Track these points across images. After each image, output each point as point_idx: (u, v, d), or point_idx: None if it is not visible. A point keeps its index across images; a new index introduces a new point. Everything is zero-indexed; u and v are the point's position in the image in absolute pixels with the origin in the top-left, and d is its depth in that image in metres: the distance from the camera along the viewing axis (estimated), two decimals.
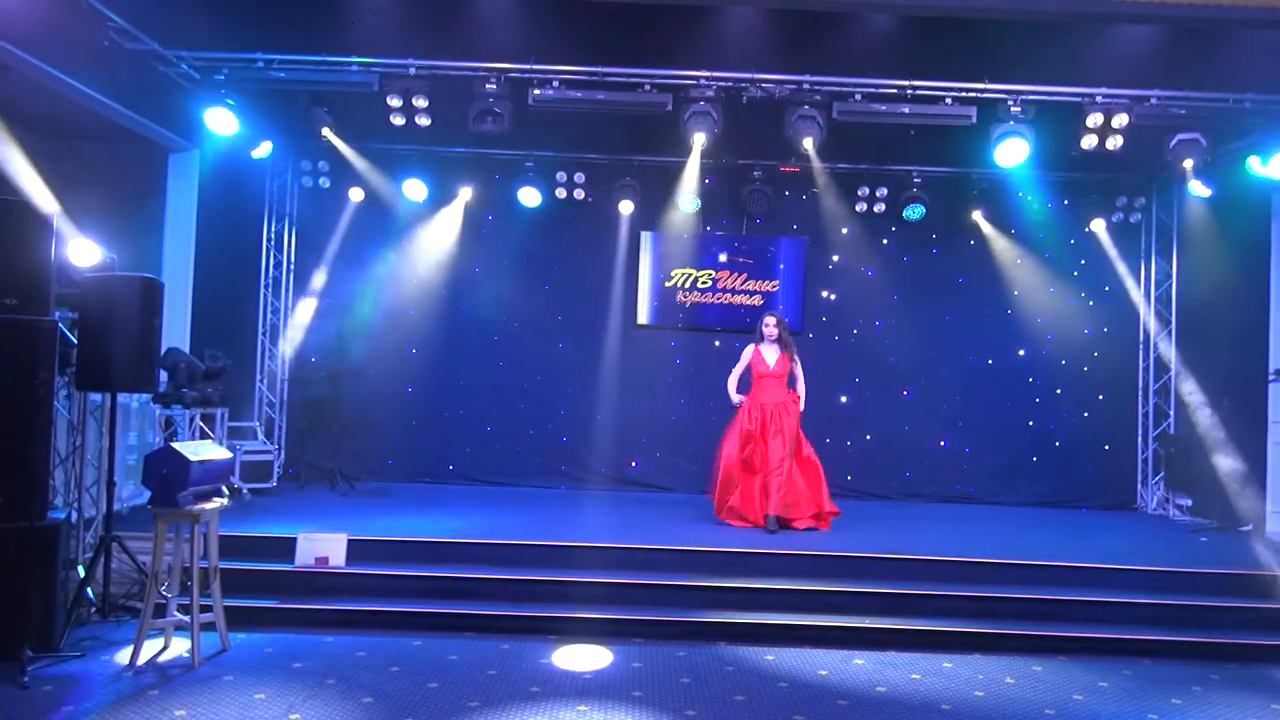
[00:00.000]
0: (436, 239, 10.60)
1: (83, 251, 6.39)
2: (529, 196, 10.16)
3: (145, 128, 8.53)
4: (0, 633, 5.32)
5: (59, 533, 5.81)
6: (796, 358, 8.42)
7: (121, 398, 7.18)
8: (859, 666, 5.88)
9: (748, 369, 8.46)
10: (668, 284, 10.70)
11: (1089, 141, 8.12)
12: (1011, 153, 8.19)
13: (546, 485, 10.46)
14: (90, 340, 6.08)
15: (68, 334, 6.19)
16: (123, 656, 5.53)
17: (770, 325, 8.38)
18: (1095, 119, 7.97)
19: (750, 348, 8.46)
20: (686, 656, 5.94)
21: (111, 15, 7.11)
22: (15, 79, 7.41)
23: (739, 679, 5.56)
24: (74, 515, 6.42)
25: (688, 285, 10.70)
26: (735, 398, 8.45)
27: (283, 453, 10.38)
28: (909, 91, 7.97)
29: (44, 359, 5.72)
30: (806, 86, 7.97)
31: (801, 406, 8.35)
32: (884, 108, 8.00)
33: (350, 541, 6.84)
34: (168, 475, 5.44)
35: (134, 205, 9.20)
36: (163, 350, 7.26)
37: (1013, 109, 8.02)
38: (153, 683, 5.20)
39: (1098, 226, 10.45)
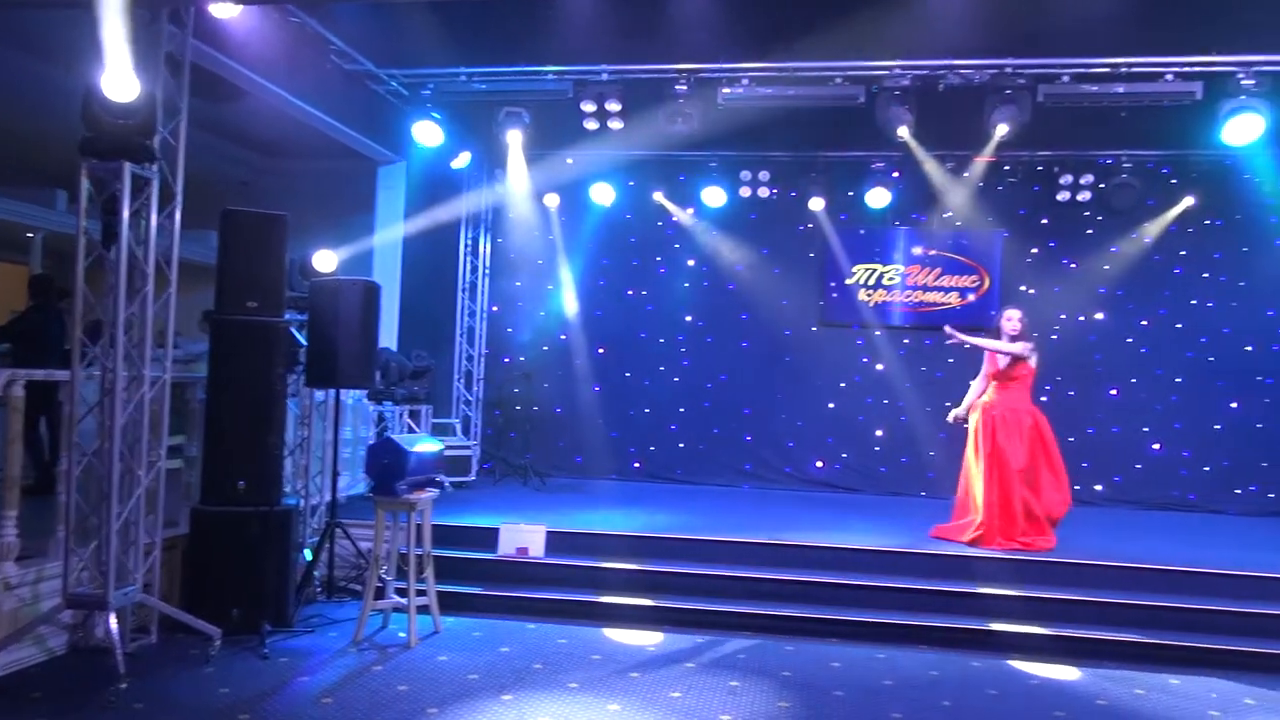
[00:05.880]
0: (622, 241, 10.82)
1: (324, 259, 6.90)
2: (713, 196, 10.19)
3: (357, 143, 9.17)
4: (243, 607, 5.82)
5: (291, 517, 6.32)
6: (1022, 353, 7.28)
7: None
8: (1073, 678, 5.56)
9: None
10: (849, 281, 10.47)
11: None
12: (1243, 130, 7.49)
13: (730, 484, 10.45)
14: (318, 340, 6.55)
15: (295, 335, 6.71)
16: (346, 634, 5.92)
17: (1014, 319, 7.31)
18: None
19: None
20: (887, 659, 5.79)
21: (333, 39, 7.65)
22: (250, 103, 8.14)
23: (944, 684, 5.37)
24: (300, 502, 6.96)
25: (872, 282, 10.44)
26: (957, 413, 7.62)
27: (479, 448, 10.85)
28: (1123, 69, 7.46)
29: (279, 357, 6.24)
30: (1009, 70, 7.60)
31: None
32: (1095, 88, 7.51)
33: (549, 533, 7.08)
34: (388, 465, 5.79)
35: (345, 216, 9.91)
36: None
37: (1244, 82, 7.33)
38: (375, 659, 5.54)
39: None
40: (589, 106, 8.21)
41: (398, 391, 8.40)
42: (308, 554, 6.76)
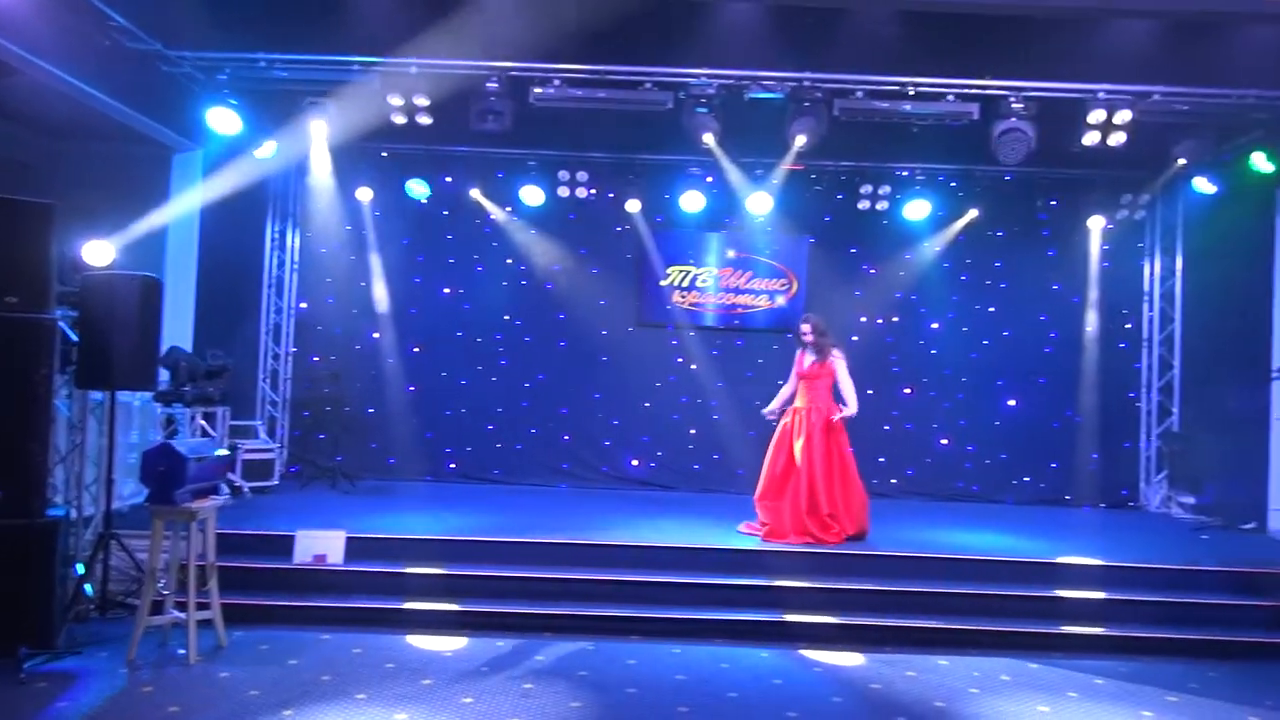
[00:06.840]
0: (438, 238, 10.64)
1: (96, 251, 6.41)
2: (531, 195, 10.17)
3: (149, 127, 8.57)
4: None
5: (58, 530, 5.82)
6: (836, 363, 7.77)
7: (123, 396, 7.23)
8: (855, 664, 5.87)
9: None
10: (663, 282, 10.68)
11: (1091, 138, 8.07)
12: (1013, 150, 8.13)
13: (548, 484, 10.45)
14: (91, 338, 6.11)
15: (69, 332, 6.23)
16: (119, 654, 5.54)
17: (805, 332, 7.84)
18: (1097, 115, 7.92)
19: (798, 352, 7.99)
20: (682, 654, 5.94)
21: (113, 15, 7.13)
22: (21, 81, 7.46)
23: (733, 676, 5.56)
24: (73, 513, 6.45)
25: (686, 284, 10.69)
26: (768, 409, 8.02)
27: (285, 451, 10.41)
28: (910, 89, 7.94)
29: (44, 356, 5.75)
30: (807, 84, 7.94)
31: (848, 412, 7.74)
32: (885, 105, 7.96)
33: (349, 539, 6.86)
34: (165, 473, 5.46)
35: (138, 205, 9.25)
36: (164, 349, 7.31)
37: (1014, 105, 7.97)
38: (148, 679, 5.22)
39: (1101, 224, 10.38)
40: (396, 100, 8.01)
41: (188, 392, 7.93)
42: (80, 568, 6.28)
